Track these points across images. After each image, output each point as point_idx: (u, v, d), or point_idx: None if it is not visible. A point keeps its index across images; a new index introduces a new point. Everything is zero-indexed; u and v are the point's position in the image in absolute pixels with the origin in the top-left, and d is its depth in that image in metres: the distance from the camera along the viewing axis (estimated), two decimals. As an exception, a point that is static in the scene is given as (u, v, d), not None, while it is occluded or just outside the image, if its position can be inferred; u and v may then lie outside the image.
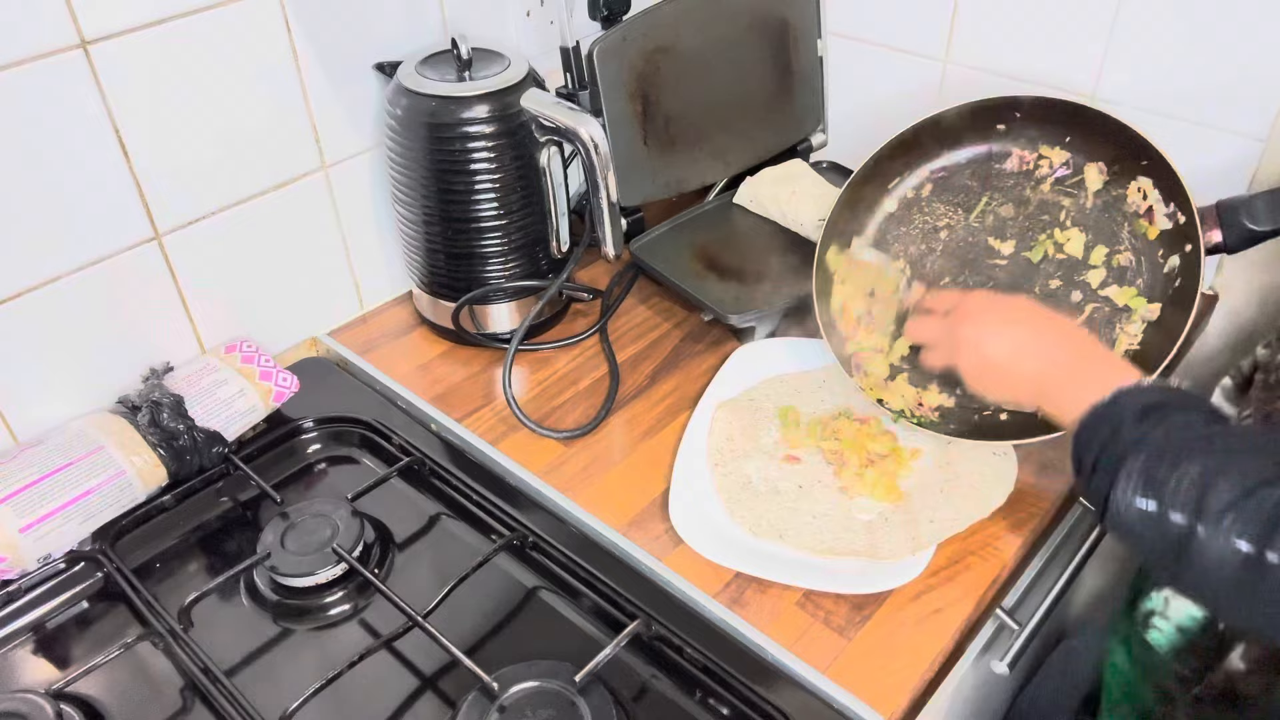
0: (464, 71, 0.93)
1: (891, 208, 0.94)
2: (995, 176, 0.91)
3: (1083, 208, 0.87)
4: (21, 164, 0.77)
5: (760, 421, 0.90)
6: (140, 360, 0.89)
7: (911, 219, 0.94)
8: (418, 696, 0.72)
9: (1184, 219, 0.80)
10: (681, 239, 1.11)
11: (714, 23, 1.05)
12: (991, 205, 0.91)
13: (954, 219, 0.92)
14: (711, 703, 0.71)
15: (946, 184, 0.93)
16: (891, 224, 0.94)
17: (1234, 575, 0.54)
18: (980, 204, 0.91)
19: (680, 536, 0.79)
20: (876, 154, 0.91)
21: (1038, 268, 0.88)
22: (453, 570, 0.77)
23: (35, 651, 0.76)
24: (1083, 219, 0.87)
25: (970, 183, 0.92)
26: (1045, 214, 0.88)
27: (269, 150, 0.93)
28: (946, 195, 0.93)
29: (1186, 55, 0.94)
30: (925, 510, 0.81)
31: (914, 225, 0.94)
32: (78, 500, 0.78)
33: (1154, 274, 0.83)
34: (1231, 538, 0.54)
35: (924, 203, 0.93)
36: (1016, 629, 0.84)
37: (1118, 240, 0.85)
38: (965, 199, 0.92)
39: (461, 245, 0.97)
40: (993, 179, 0.91)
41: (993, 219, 0.91)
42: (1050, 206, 0.88)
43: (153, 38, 0.81)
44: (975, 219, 0.91)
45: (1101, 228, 0.86)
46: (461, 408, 0.95)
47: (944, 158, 0.92)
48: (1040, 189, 0.89)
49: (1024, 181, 0.90)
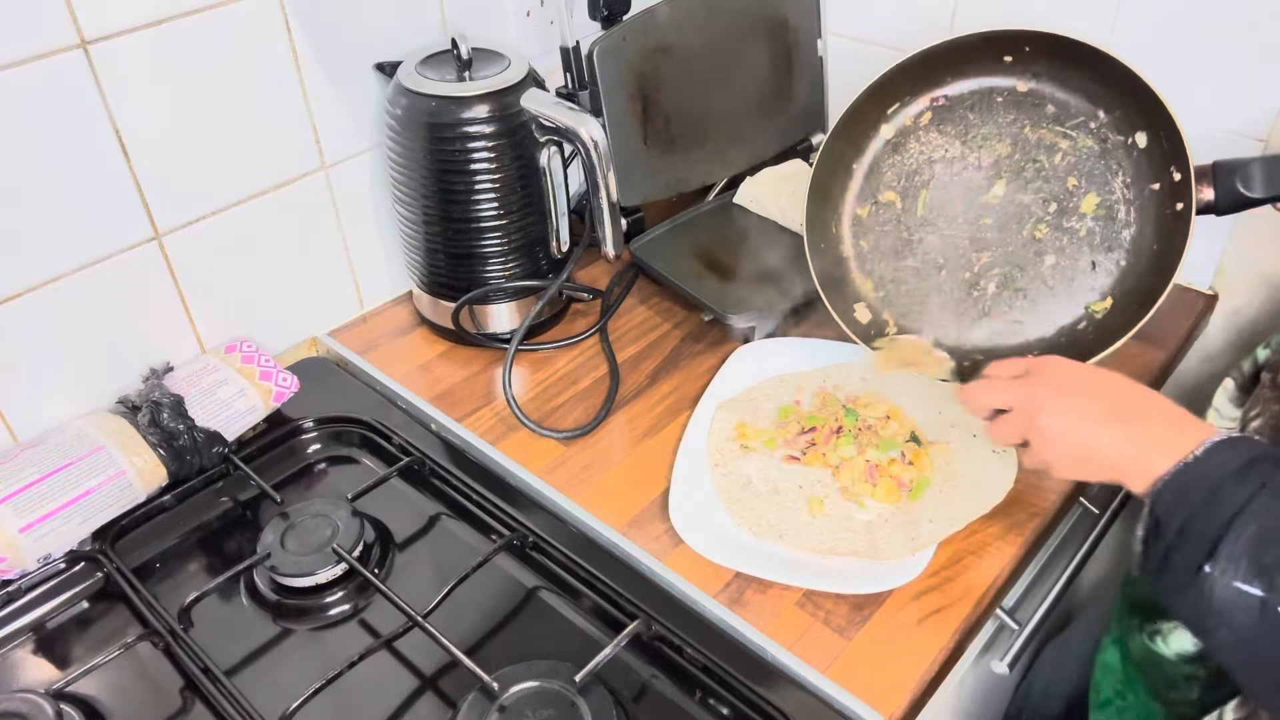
0: (464, 71, 0.93)
1: (889, 134, 0.93)
2: (996, 111, 0.90)
3: (1079, 152, 0.86)
4: (22, 164, 0.77)
5: (760, 421, 0.90)
6: (140, 360, 0.89)
7: (908, 147, 0.93)
8: (418, 696, 0.72)
9: (1179, 177, 0.80)
10: (681, 239, 1.11)
11: (714, 23, 1.05)
12: (989, 141, 0.90)
13: (950, 151, 0.91)
14: (711, 703, 0.71)
15: (946, 115, 0.92)
16: (888, 151, 0.94)
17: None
18: (978, 138, 0.90)
19: (680, 536, 0.79)
20: (881, 76, 0.90)
21: (1028, 209, 0.88)
22: (453, 570, 0.77)
23: (35, 651, 0.76)
24: (1079, 164, 0.86)
25: (970, 114, 0.91)
26: (1041, 154, 0.88)
27: (269, 150, 0.93)
28: (945, 126, 0.92)
29: (1186, 56, 0.94)
30: (925, 510, 0.81)
31: (909, 154, 0.93)
32: (78, 500, 0.78)
33: (1142, 228, 0.83)
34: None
35: (921, 131, 0.93)
36: (1016, 629, 0.84)
37: (1110, 190, 0.85)
38: (963, 131, 0.91)
39: (461, 245, 0.97)
40: (993, 113, 0.90)
41: (989, 155, 0.90)
42: (1047, 147, 0.88)
43: (153, 38, 0.81)
44: (972, 154, 0.90)
45: (1095, 175, 0.86)
46: (461, 408, 0.95)
47: (947, 86, 0.91)
48: (1039, 128, 0.88)
49: (1023, 119, 0.89)
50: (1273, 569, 0.51)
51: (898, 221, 0.93)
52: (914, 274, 0.92)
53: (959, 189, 0.91)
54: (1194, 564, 0.54)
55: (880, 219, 0.94)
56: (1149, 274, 0.83)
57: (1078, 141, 0.86)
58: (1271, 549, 0.52)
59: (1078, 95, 0.86)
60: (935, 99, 0.91)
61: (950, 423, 0.87)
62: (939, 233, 0.91)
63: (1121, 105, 0.84)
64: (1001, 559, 0.78)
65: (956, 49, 0.88)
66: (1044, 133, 0.88)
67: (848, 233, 0.95)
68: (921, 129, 0.93)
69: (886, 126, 0.93)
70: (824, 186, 0.93)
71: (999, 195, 0.89)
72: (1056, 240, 0.88)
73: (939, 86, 0.91)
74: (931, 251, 0.92)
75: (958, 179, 0.91)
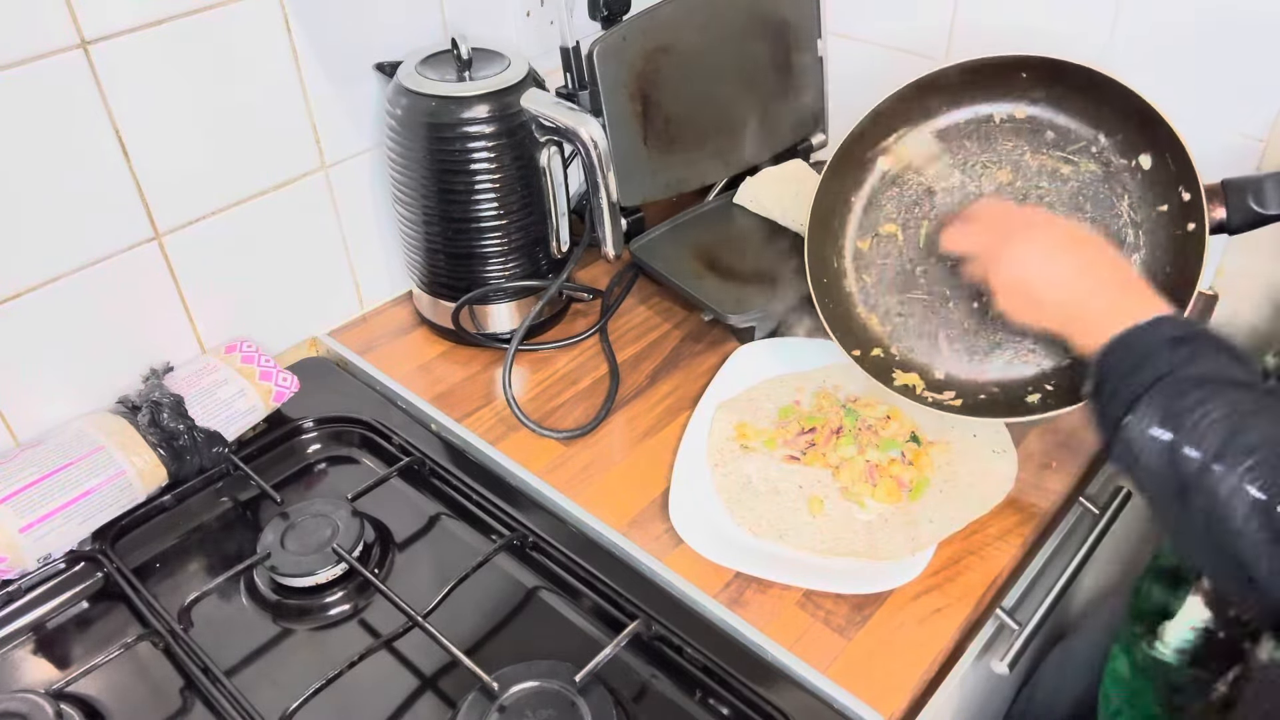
0: (464, 71, 0.93)
1: (886, 166, 0.92)
2: (995, 138, 0.89)
3: (1082, 177, 0.86)
4: (22, 164, 0.77)
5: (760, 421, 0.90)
6: (140, 360, 0.89)
7: (905, 179, 0.92)
8: (418, 696, 0.72)
9: (1189, 197, 0.79)
10: (681, 239, 1.11)
11: (714, 23, 1.05)
12: (989, 169, 0.89)
13: (950, 181, 0.90)
14: (711, 703, 0.71)
15: (944, 145, 0.90)
16: (885, 184, 0.92)
17: (1237, 522, 0.53)
18: (978, 166, 0.89)
19: (680, 536, 0.79)
20: (875, 108, 0.88)
21: None
22: (453, 570, 0.77)
23: (35, 651, 0.76)
24: (1082, 189, 0.86)
25: (968, 143, 0.90)
26: (1044, 181, 0.87)
27: (269, 150, 0.93)
28: (944, 156, 0.91)
29: (1185, 56, 0.95)
30: (925, 510, 0.81)
31: (908, 186, 0.92)
32: (78, 500, 0.78)
33: (1153, 251, 0.83)
34: (1245, 483, 0.53)
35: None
36: (1016, 629, 0.84)
37: (1116, 214, 0.84)
38: (962, 161, 0.90)
39: (461, 245, 0.97)
40: (992, 141, 0.89)
41: (990, 183, 0.89)
42: (1049, 174, 0.87)
43: (153, 38, 0.81)
44: (972, 183, 0.89)
45: (1100, 200, 0.85)
46: (461, 408, 0.95)
47: (944, 116, 0.90)
48: (1040, 154, 0.87)
49: (1023, 146, 0.88)
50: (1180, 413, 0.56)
51: (900, 254, 0.92)
52: (922, 306, 0.91)
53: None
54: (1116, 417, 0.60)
55: (882, 251, 0.93)
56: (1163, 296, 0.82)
57: (1080, 167, 0.85)
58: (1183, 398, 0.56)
59: (1078, 120, 0.85)
60: (934, 131, 0.90)
61: (950, 423, 0.87)
62: (944, 263, 0.90)
63: (1123, 129, 0.83)
64: (1001, 559, 0.78)
65: (951, 76, 0.86)
66: (1045, 159, 0.87)
67: (850, 267, 0.93)
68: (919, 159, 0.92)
69: (884, 159, 0.92)
70: (824, 220, 0.92)
71: None
72: None
73: (935, 116, 0.90)
74: (938, 283, 0.90)
75: (959, 207, 0.89)
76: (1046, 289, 0.71)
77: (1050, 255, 0.72)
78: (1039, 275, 0.71)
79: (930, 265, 0.90)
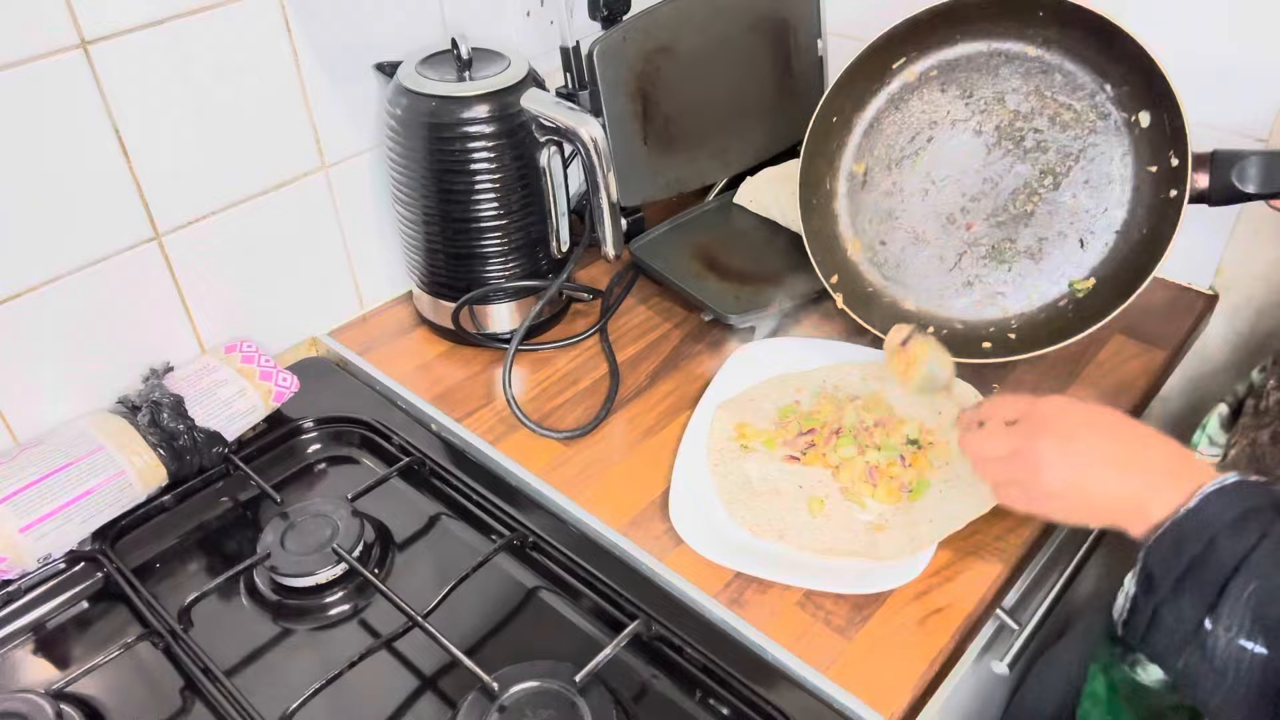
0: (464, 71, 0.93)
1: (894, 88, 0.92)
2: (1002, 75, 0.89)
3: (1082, 124, 0.86)
4: (21, 164, 0.77)
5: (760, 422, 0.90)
6: (140, 360, 0.89)
7: (909, 105, 0.92)
8: (418, 696, 0.72)
9: (1177, 163, 0.79)
10: (681, 239, 1.11)
11: (714, 23, 1.05)
12: (992, 105, 0.89)
13: (952, 113, 0.90)
14: (711, 703, 0.71)
15: (951, 75, 0.90)
16: (890, 108, 0.93)
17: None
18: (981, 101, 0.89)
19: (680, 536, 0.79)
20: (891, 29, 0.88)
21: (1023, 180, 0.88)
22: (453, 570, 0.77)
23: (35, 651, 0.76)
24: (1079, 137, 0.86)
25: (975, 76, 0.89)
26: (1043, 123, 0.87)
27: (269, 150, 0.93)
28: (950, 88, 0.91)
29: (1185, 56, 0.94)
30: (925, 510, 0.81)
31: (911, 112, 0.92)
32: (78, 500, 0.78)
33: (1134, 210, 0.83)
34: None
35: (924, 90, 0.92)
36: (1016, 629, 0.84)
37: (1108, 168, 0.84)
38: (967, 93, 0.90)
39: (461, 245, 0.97)
40: (999, 77, 0.89)
41: (991, 120, 0.89)
42: (1049, 117, 0.87)
43: (152, 38, 0.81)
44: (974, 118, 0.89)
45: (1095, 150, 0.85)
46: (461, 408, 0.95)
47: (956, 46, 0.90)
48: (1043, 96, 0.87)
49: (1028, 85, 0.88)
50: (1277, 626, 0.50)
51: (893, 183, 0.91)
52: (904, 236, 0.91)
53: (957, 153, 0.90)
54: (1193, 620, 0.53)
55: (875, 178, 0.93)
56: (1135, 258, 0.83)
57: (1081, 114, 0.85)
58: (1275, 604, 0.50)
59: (1086, 66, 0.85)
60: (943, 59, 0.89)
61: (950, 424, 0.87)
62: (933, 197, 0.89)
63: (1129, 81, 0.83)
64: (1001, 559, 0.78)
65: (968, 7, 0.86)
66: (1048, 101, 0.86)
67: (842, 188, 0.94)
68: (925, 86, 0.91)
69: (892, 81, 0.91)
70: (822, 140, 0.92)
71: (996, 163, 0.88)
72: (1048, 213, 0.87)
73: (948, 45, 0.89)
74: (923, 215, 0.91)
75: (956, 143, 0.90)
76: (1096, 497, 0.62)
77: (1093, 465, 0.62)
78: (1087, 488, 0.62)
79: (919, 197, 0.91)
